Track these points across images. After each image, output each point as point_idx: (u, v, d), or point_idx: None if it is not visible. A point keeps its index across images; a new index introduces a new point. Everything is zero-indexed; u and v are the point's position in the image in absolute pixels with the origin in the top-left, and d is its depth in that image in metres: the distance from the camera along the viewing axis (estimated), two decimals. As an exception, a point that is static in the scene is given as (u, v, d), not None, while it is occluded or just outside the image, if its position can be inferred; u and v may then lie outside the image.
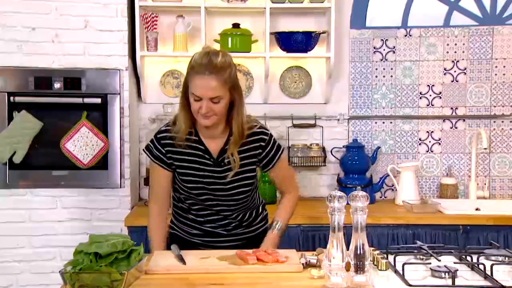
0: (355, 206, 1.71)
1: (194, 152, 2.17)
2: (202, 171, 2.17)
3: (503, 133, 3.52)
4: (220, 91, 2.05)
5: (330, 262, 1.71)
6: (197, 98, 2.05)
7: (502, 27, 3.48)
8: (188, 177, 2.18)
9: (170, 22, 3.38)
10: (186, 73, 2.11)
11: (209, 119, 2.09)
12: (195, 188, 2.19)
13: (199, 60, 2.05)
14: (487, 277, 1.69)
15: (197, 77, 2.03)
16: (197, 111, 2.07)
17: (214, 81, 2.03)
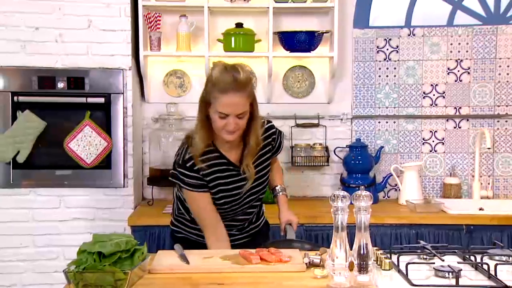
0: (358, 206, 1.71)
1: (221, 168, 2.18)
2: (231, 184, 2.20)
3: (507, 132, 3.51)
4: (245, 106, 2.08)
5: (334, 261, 1.71)
6: (223, 115, 2.05)
7: (506, 26, 3.48)
8: (220, 193, 2.18)
9: (173, 21, 3.39)
10: (205, 91, 2.10)
11: (233, 135, 2.11)
12: (223, 198, 2.20)
13: (222, 78, 2.05)
14: (491, 277, 1.68)
15: (224, 96, 2.03)
16: (222, 128, 2.08)
17: (240, 98, 2.05)
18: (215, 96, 2.05)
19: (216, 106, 2.05)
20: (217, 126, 2.09)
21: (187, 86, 3.52)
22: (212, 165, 2.16)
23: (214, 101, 2.05)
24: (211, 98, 2.06)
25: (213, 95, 2.05)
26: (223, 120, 2.06)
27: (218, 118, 2.07)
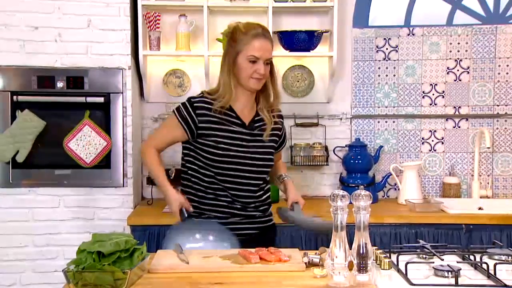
0: (357, 205, 1.71)
1: (227, 118, 2.29)
2: (234, 133, 2.29)
3: (506, 132, 3.51)
4: (271, 53, 2.30)
5: (333, 261, 1.70)
6: (254, 59, 2.23)
7: (505, 26, 3.48)
8: (220, 144, 2.26)
9: (173, 21, 3.39)
10: (232, 44, 2.27)
11: (260, 82, 2.29)
12: (225, 154, 2.25)
13: (252, 27, 2.28)
14: (490, 276, 1.68)
15: (256, 40, 2.24)
16: (251, 74, 2.25)
17: (269, 44, 2.29)
18: (246, 42, 2.24)
19: (248, 51, 2.24)
20: (247, 73, 2.25)
21: (186, 86, 3.52)
22: (222, 113, 2.28)
23: (244, 48, 2.24)
24: (242, 45, 2.25)
25: (244, 41, 2.25)
26: (253, 66, 2.24)
27: (248, 64, 2.24)
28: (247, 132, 2.32)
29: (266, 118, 2.36)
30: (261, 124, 2.36)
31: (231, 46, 2.29)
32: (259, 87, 2.31)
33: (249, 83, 2.28)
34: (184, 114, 2.29)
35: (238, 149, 2.28)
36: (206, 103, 2.29)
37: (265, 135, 2.34)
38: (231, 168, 2.28)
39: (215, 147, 2.26)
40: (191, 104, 2.30)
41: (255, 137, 2.33)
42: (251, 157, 2.30)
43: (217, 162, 2.26)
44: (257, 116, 2.36)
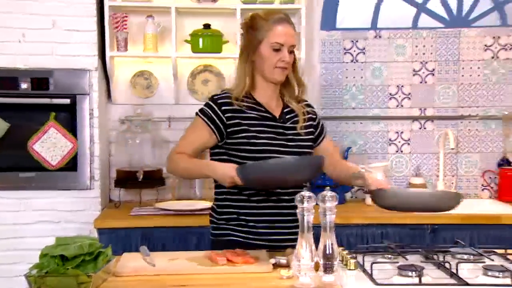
0: (323, 207, 1.72)
1: (256, 113, 2.15)
2: (267, 127, 2.14)
3: (470, 133, 3.58)
4: (295, 40, 2.16)
5: (299, 262, 1.71)
6: (278, 47, 2.09)
7: (468, 29, 3.55)
8: (253, 139, 2.10)
9: (140, 22, 3.36)
10: (253, 32, 2.13)
11: (285, 72, 2.14)
12: (262, 150, 2.09)
13: (272, 13, 2.16)
14: (453, 275, 1.71)
15: (278, 25, 2.11)
16: (276, 63, 2.11)
17: (292, 30, 2.15)
18: (268, 29, 2.10)
19: (271, 38, 2.10)
20: (271, 62, 2.11)
21: (154, 87, 3.50)
22: (249, 108, 2.15)
23: (267, 34, 2.10)
24: (264, 32, 2.11)
25: (266, 28, 2.11)
26: (277, 54, 2.10)
27: (272, 52, 2.10)
28: (280, 125, 2.17)
29: (296, 109, 2.21)
30: (292, 116, 2.21)
31: (251, 35, 2.14)
32: (283, 78, 2.16)
33: (274, 74, 2.13)
34: (210, 114, 2.13)
35: (274, 142, 2.12)
36: (231, 98, 2.15)
37: (299, 127, 2.19)
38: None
39: (249, 144, 2.10)
40: (215, 101, 2.15)
41: (289, 130, 2.17)
42: (290, 151, 2.13)
43: (252, 160, 2.06)
44: (286, 108, 2.22)
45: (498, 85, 3.56)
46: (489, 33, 3.54)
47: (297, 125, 2.19)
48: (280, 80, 2.16)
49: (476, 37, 3.54)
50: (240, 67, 2.18)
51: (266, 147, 2.11)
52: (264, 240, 2.14)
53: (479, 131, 3.58)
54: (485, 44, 3.54)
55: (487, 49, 3.54)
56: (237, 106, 2.14)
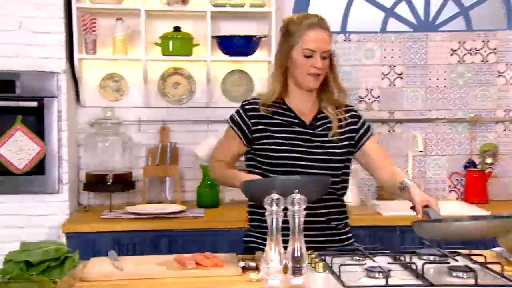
0: (292, 209, 1.73)
1: (283, 119, 2.12)
2: (292, 133, 2.11)
3: (437, 136, 3.64)
4: (329, 45, 2.09)
5: (268, 265, 1.72)
6: (309, 53, 2.05)
7: (435, 34, 3.61)
8: (274, 146, 2.08)
9: (109, 24, 3.33)
10: (286, 37, 2.10)
11: (318, 79, 2.09)
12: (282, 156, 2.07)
13: (306, 17, 2.10)
14: (419, 276, 1.74)
15: (311, 31, 2.05)
16: (308, 69, 2.06)
17: (326, 35, 2.08)
18: (300, 34, 2.06)
19: (303, 44, 2.05)
20: (303, 69, 2.07)
21: (124, 90, 3.47)
22: (277, 113, 2.13)
23: (299, 40, 2.06)
24: (296, 38, 2.06)
25: (298, 34, 2.06)
26: (309, 60, 2.05)
27: (303, 59, 2.06)
28: (309, 132, 2.12)
29: (330, 115, 2.13)
30: (325, 122, 2.14)
31: (285, 40, 2.10)
32: (316, 85, 2.11)
33: (306, 81, 2.08)
34: (236, 119, 2.15)
35: (297, 149, 2.08)
36: (258, 104, 2.13)
37: (331, 134, 2.11)
38: (292, 171, 2.06)
39: (271, 150, 2.09)
40: (242, 106, 2.16)
41: (319, 137, 2.12)
42: (316, 158, 2.08)
43: (274, 166, 2.08)
44: (320, 114, 2.15)
45: (464, 88, 3.62)
46: (455, 38, 3.61)
47: (329, 132, 2.12)
48: (313, 87, 2.12)
49: (443, 41, 3.60)
50: (275, 72, 2.16)
51: (289, 154, 2.08)
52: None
53: (446, 134, 3.64)
54: (451, 48, 3.60)
55: (453, 53, 3.61)
56: (264, 112, 2.12)
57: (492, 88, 3.62)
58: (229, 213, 3.18)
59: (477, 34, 3.60)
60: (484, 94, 3.63)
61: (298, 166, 2.08)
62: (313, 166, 2.09)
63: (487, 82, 3.62)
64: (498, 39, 3.60)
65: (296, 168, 2.08)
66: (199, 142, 3.44)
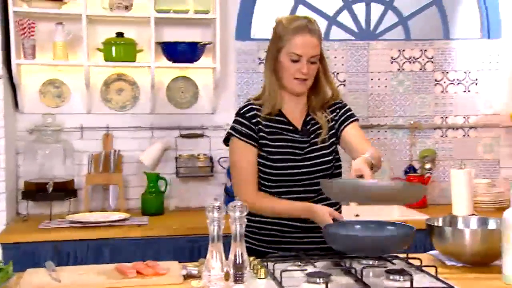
0: (233, 216, 1.73)
1: (278, 126, 2.13)
2: (286, 141, 2.12)
3: (379, 142, 3.73)
4: (317, 49, 2.08)
5: (210, 272, 1.72)
6: (296, 58, 2.04)
7: (376, 42, 3.70)
8: (273, 155, 2.09)
9: (49, 29, 3.25)
10: (275, 39, 2.09)
11: (304, 84, 2.09)
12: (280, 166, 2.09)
13: (295, 20, 2.09)
14: (358, 280, 1.77)
15: (298, 36, 2.04)
16: (293, 74, 2.06)
17: (314, 39, 2.06)
18: (288, 38, 2.05)
19: (289, 48, 2.04)
20: (289, 73, 2.06)
21: (65, 96, 3.39)
22: (273, 120, 2.12)
23: (286, 44, 2.05)
24: (283, 41, 2.06)
25: (286, 37, 2.05)
26: (295, 65, 2.05)
27: (290, 63, 2.05)
28: (302, 140, 2.14)
29: (320, 120, 2.15)
30: (315, 128, 2.16)
31: (273, 42, 2.10)
32: (304, 90, 2.11)
33: (292, 85, 2.08)
34: (245, 131, 2.11)
35: (292, 158, 2.11)
36: (255, 110, 2.12)
37: (320, 140, 2.14)
38: (287, 180, 2.11)
39: (269, 159, 2.10)
40: (243, 115, 2.12)
41: (310, 143, 2.14)
42: (306, 164, 2.12)
43: (273, 176, 2.10)
44: (309, 116, 2.17)
45: (404, 95, 3.73)
46: (395, 46, 3.71)
47: (318, 139, 2.14)
48: (299, 92, 2.11)
49: (383, 49, 3.69)
50: (269, 80, 2.12)
51: (284, 164, 2.10)
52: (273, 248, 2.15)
53: (388, 140, 3.73)
54: (391, 56, 3.70)
55: (393, 61, 3.71)
56: (262, 119, 2.12)
57: (430, 96, 3.74)
58: (173, 221, 3.15)
59: (415, 43, 3.72)
60: (423, 102, 3.74)
61: (292, 175, 2.12)
62: (306, 172, 2.13)
63: (425, 89, 3.74)
64: (435, 48, 3.73)
65: (290, 176, 2.11)
66: (144, 149, 3.41)
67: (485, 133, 3.78)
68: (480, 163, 3.77)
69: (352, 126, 2.20)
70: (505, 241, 1.78)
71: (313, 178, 2.14)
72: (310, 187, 2.15)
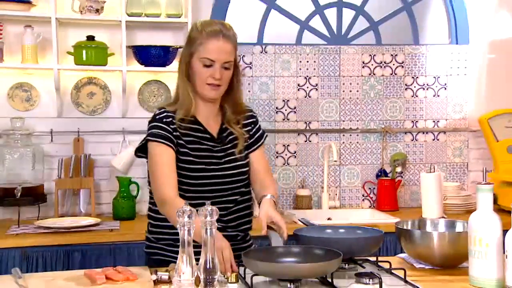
0: (204, 221, 1.72)
1: (194, 134, 2.07)
2: (204, 151, 2.07)
3: (351, 146, 3.76)
4: (231, 56, 2.04)
5: (180, 277, 1.71)
6: (209, 63, 2.00)
7: (347, 47, 3.73)
8: (190, 162, 2.04)
9: (18, 32, 3.21)
10: (189, 42, 2.06)
11: (218, 90, 2.04)
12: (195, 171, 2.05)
13: (210, 24, 2.05)
14: (328, 283, 1.78)
15: (212, 40, 2.00)
16: (206, 78, 2.01)
17: (228, 44, 2.02)
18: (201, 42, 2.01)
19: (202, 52, 2.01)
20: (201, 78, 2.02)
21: (35, 100, 3.35)
22: (189, 128, 2.07)
23: (199, 48, 2.01)
24: (196, 45, 2.02)
25: (199, 41, 2.01)
26: (208, 70, 2.01)
27: (202, 68, 2.01)
28: (218, 148, 2.10)
29: (236, 131, 2.13)
30: (231, 138, 2.14)
31: (186, 47, 2.06)
32: (216, 96, 2.06)
33: (204, 91, 2.03)
34: (163, 133, 2.02)
35: (210, 168, 2.07)
36: (171, 117, 2.04)
37: (237, 151, 2.11)
38: (206, 190, 2.06)
39: (188, 169, 2.05)
40: (160, 120, 2.03)
41: (227, 152, 2.11)
42: (225, 174, 2.09)
43: (192, 186, 2.05)
44: (224, 125, 2.14)
45: (376, 100, 3.77)
46: (366, 51, 3.75)
47: (235, 149, 2.12)
48: (211, 98, 2.07)
49: (355, 54, 3.73)
50: (182, 83, 2.07)
51: (204, 173, 2.07)
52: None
53: (360, 144, 3.77)
54: (363, 61, 3.74)
55: (365, 66, 3.75)
56: (178, 126, 2.05)
57: (401, 100, 3.79)
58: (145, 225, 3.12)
59: (386, 48, 3.76)
60: (394, 106, 3.79)
61: (211, 184, 2.08)
62: (225, 182, 2.11)
63: (396, 94, 3.78)
64: (405, 53, 3.78)
65: (209, 186, 2.08)
66: (116, 153, 3.38)
67: (454, 137, 3.84)
68: (449, 167, 3.83)
69: (260, 151, 2.23)
70: (471, 244, 1.81)
71: (232, 189, 2.12)
72: (229, 197, 2.12)
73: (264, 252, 1.92)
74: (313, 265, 1.77)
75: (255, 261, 1.78)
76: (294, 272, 1.75)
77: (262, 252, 1.92)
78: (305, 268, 1.76)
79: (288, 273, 1.76)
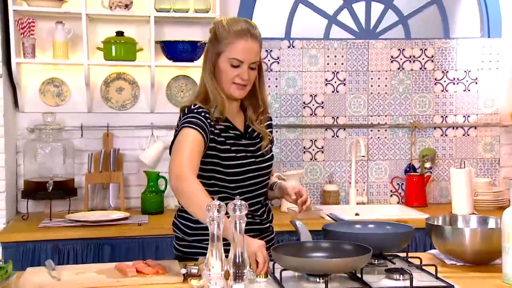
0: (234, 215, 1.73)
1: (229, 130, 2.06)
2: (241, 146, 2.07)
3: (379, 141, 3.73)
4: (258, 56, 2.02)
5: (210, 271, 1.71)
6: (237, 63, 1.97)
7: (376, 41, 3.70)
8: (232, 159, 2.04)
9: (50, 28, 3.26)
10: (214, 42, 2.02)
11: (244, 90, 2.02)
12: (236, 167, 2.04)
13: (237, 23, 2.01)
14: (358, 279, 1.77)
15: (239, 40, 1.97)
16: (233, 79, 1.99)
17: (256, 45, 2.01)
18: (228, 42, 1.98)
19: (229, 53, 1.98)
20: (228, 78, 1.99)
21: (65, 95, 3.40)
22: (223, 126, 2.06)
23: (226, 48, 1.98)
24: (223, 44, 1.98)
25: (226, 41, 1.98)
26: (235, 70, 1.98)
27: (229, 68, 1.98)
28: (249, 143, 2.10)
29: (260, 130, 2.12)
30: (257, 134, 2.14)
31: (212, 45, 2.02)
32: (242, 96, 2.04)
33: (230, 90, 2.01)
34: (199, 123, 1.95)
35: (247, 162, 2.07)
36: (208, 113, 2.00)
37: (264, 145, 2.12)
38: (244, 185, 2.07)
39: (231, 166, 2.04)
40: (198, 113, 1.97)
41: (256, 146, 2.12)
42: (258, 167, 2.10)
43: (231, 182, 2.05)
44: (246, 121, 2.14)
45: (404, 95, 3.73)
46: (395, 45, 3.70)
47: (261, 144, 2.13)
48: (237, 97, 2.05)
49: (383, 48, 3.69)
50: (211, 82, 2.02)
51: (243, 168, 2.06)
52: None
53: (388, 139, 3.73)
54: (391, 55, 3.70)
55: (394, 60, 3.71)
56: (215, 124, 2.03)
57: (430, 95, 3.74)
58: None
59: (415, 42, 3.72)
60: (423, 101, 3.74)
61: (249, 179, 2.09)
62: (258, 175, 2.12)
63: (425, 89, 3.74)
64: (435, 47, 3.72)
65: (248, 181, 2.08)
66: (144, 148, 3.41)
67: (485, 132, 3.77)
68: (480, 162, 3.77)
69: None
70: (505, 240, 1.78)
71: (262, 181, 2.14)
72: (260, 191, 2.14)
73: (294, 247, 1.92)
74: (342, 260, 1.76)
75: (285, 256, 1.78)
76: (323, 267, 1.74)
77: (291, 247, 1.92)
78: (334, 263, 1.75)
79: (317, 268, 1.76)
